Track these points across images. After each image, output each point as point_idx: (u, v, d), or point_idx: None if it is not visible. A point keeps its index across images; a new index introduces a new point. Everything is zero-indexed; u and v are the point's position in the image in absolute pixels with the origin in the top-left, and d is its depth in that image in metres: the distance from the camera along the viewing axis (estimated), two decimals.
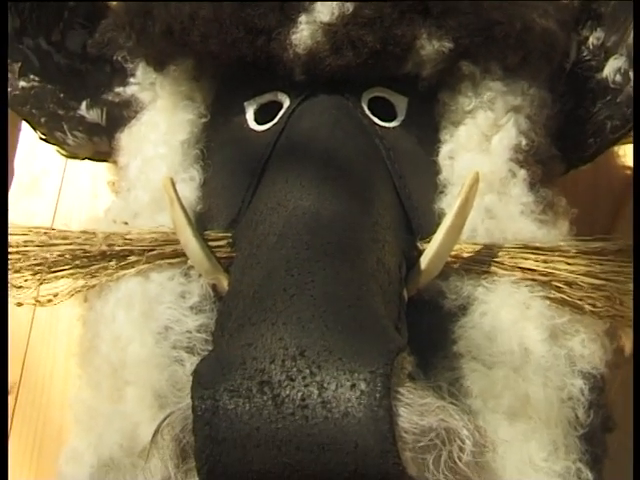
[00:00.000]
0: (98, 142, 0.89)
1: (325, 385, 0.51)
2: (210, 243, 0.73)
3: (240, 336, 0.56)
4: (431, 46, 0.75)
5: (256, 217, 0.69)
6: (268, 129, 0.78)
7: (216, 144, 0.81)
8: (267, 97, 0.79)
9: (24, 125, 1.05)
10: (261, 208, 0.69)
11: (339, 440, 0.50)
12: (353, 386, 0.51)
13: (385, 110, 0.78)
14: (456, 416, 0.54)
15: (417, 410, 0.52)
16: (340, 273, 0.59)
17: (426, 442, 0.52)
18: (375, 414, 0.50)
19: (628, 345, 0.90)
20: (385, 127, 0.77)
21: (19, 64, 0.86)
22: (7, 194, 0.81)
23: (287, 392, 0.51)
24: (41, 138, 0.89)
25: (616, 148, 0.90)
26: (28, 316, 1.07)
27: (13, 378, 1.03)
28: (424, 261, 0.71)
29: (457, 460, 0.52)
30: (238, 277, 0.65)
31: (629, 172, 1.05)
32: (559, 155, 0.83)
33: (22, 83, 0.86)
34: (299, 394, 0.51)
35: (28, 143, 1.16)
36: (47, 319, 1.07)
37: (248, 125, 0.79)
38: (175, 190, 0.72)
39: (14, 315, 0.78)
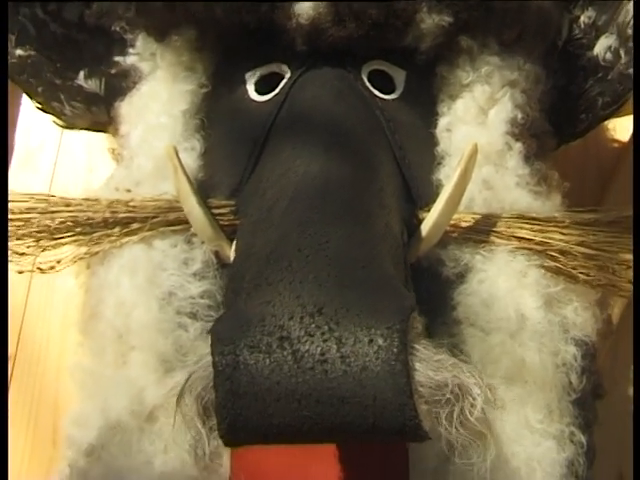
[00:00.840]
0: (96, 112, 0.88)
1: (343, 340, 0.52)
2: (213, 211, 0.74)
3: (257, 295, 0.57)
4: (431, 20, 0.77)
5: (263, 184, 0.70)
6: (269, 99, 0.78)
7: (217, 114, 0.81)
8: (268, 68, 0.80)
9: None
10: (268, 175, 0.70)
11: (358, 393, 0.52)
12: (371, 341, 0.52)
13: (384, 83, 0.80)
14: (468, 373, 0.55)
15: (432, 365, 0.54)
16: (352, 235, 0.61)
17: (440, 397, 0.54)
18: (393, 368, 0.51)
19: (616, 316, 0.93)
20: (384, 99, 0.78)
21: (15, 33, 0.85)
22: (7, 163, 0.80)
23: (306, 347, 0.52)
24: (38, 108, 0.89)
25: (605, 122, 0.92)
26: (24, 287, 1.07)
27: (9, 348, 1.03)
28: (424, 229, 0.72)
29: (468, 415, 0.54)
30: (249, 240, 0.65)
31: (617, 145, 1.08)
32: (552, 130, 0.85)
33: (19, 52, 0.85)
34: (318, 349, 0.52)
35: (24, 118, 1.16)
36: (43, 290, 1.07)
37: (249, 96, 0.80)
38: (179, 158, 0.73)
39: (11, 286, 0.78)
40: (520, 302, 0.72)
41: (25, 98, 0.91)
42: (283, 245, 0.60)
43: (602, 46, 0.86)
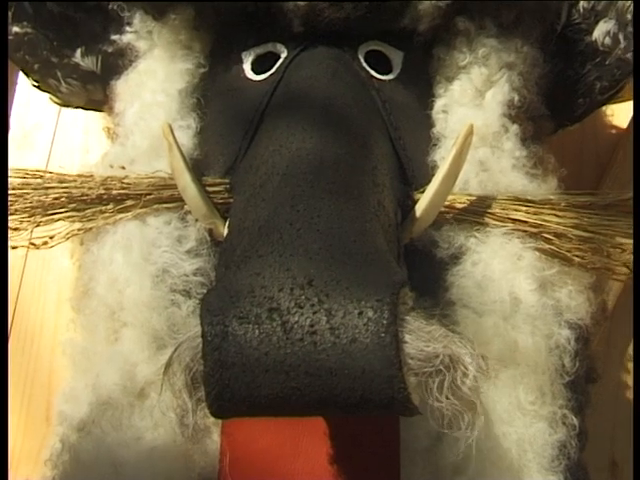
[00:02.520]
0: (92, 90, 0.88)
1: (333, 312, 0.52)
2: (207, 188, 0.73)
3: (247, 267, 0.56)
4: (428, 1, 0.76)
5: (257, 161, 0.69)
6: (265, 79, 0.78)
7: (213, 93, 0.81)
8: (265, 48, 0.80)
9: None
10: (262, 152, 0.69)
11: (347, 365, 0.51)
12: (360, 314, 0.52)
13: (381, 64, 0.79)
14: (459, 343, 0.55)
15: (422, 337, 0.53)
16: (344, 210, 0.60)
17: (430, 368, 0.53)
18: (382, 340, 0.51)
19: (611, 301, 0.92)
20: (381, 80, 0.78)
21: (12, 10, 0.85)
22: (7, 138, 0.80)
23: (296, 319, 0.52)
24: (34, 85, 0.89)
25: (603, 108, 0.92)
26: (19, 267, 1.07)
27: None
28: (419, 209, 0.72)
29: (460, 385, 0.54)
30: (241, 216, 0.65)
31: (615, 132, 1.07)
32: (549, 114, 0.85)
33: (15, 29, 0.85)
34: (308, 320, 0.52)
35: (20, 98, 1.15)
36: (38, 271, 1.07)
37: (245, 75, 0.79)
38: (174, 135, 0.73)
39: None
40: (514, 285, 0.72)
41: (21, 77, 0.90)
42: (274, 219, 0.60)
43: (601, 31, 0.85)
